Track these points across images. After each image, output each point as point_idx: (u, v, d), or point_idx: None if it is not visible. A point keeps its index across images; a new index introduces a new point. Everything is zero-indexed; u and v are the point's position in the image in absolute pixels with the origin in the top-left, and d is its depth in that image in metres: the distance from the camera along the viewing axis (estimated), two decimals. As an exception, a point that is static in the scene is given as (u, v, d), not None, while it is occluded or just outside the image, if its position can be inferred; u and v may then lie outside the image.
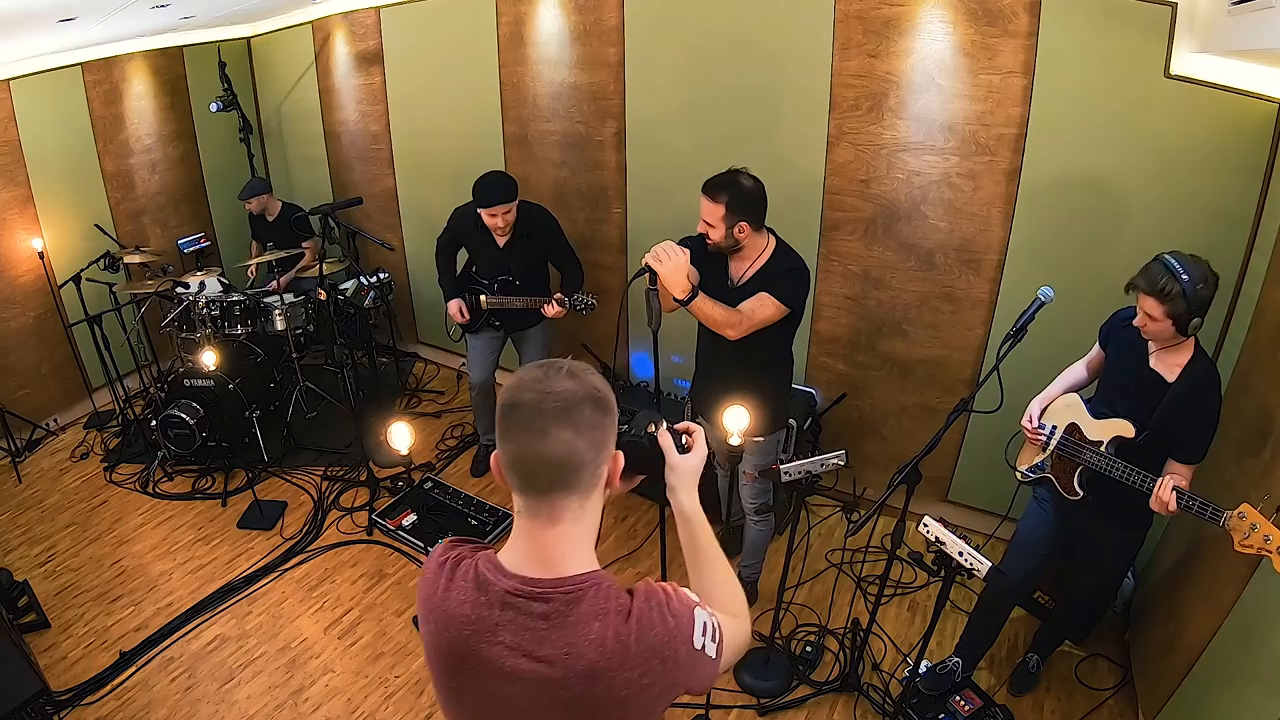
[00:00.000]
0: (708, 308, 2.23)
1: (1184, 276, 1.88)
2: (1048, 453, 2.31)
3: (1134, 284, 1.98)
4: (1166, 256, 1.93)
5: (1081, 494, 2.20)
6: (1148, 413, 2.04)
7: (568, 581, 1.00)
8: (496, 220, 3.16)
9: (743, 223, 2.27)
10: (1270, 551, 1.67)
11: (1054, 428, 2.29)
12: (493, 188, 3.14)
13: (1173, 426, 2.01)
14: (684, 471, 1.21)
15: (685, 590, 1.07)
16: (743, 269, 2.39)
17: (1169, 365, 2.04)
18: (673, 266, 2.11)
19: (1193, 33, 2.31)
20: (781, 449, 2.83)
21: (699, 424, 1.32)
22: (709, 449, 1.28)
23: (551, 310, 3.30)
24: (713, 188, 2.27)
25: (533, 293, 3.42)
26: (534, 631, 0.99)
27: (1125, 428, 2.09)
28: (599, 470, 1.02)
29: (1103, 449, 2.12)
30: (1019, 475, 2.44)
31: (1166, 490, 1.90)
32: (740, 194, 2.25)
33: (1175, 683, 2.24)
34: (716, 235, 2.30)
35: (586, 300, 3.29)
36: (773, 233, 2.41)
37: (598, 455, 1.01)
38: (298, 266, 4.44)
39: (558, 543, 1.01)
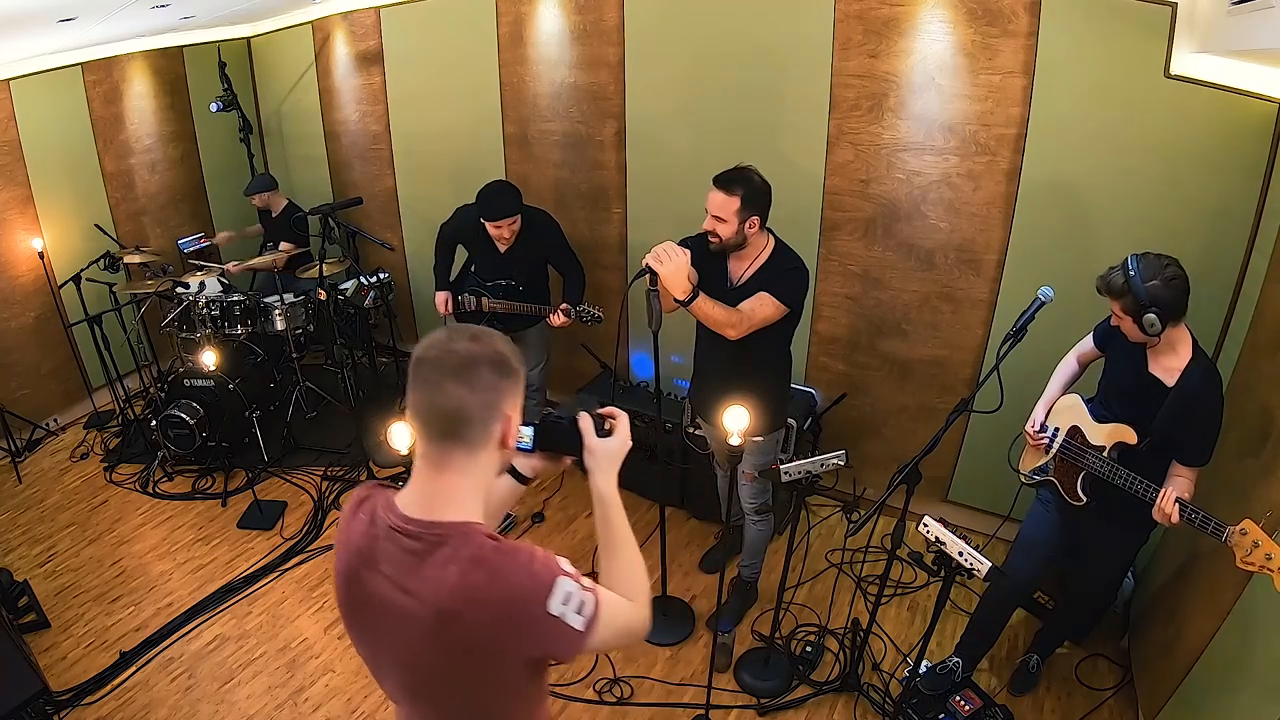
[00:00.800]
0: (708, 308, 2.23)
1: (1132, 272, 1.90)
2: (1050, 455, 2.30)
3: (1096, 283, 2.00)
4: (1131, 255, 1.94)
5: (1085, 499, 2.20)
6: (1148, 418, 2.03)
7: (440, 526, 1.07)
8: (501, 231, 3.18)
9: (754, 217, 2.28)
10: (1272, 570, 1.65)
11: (1055, 430, 2.29)
12: (497, 200, 3.14)
13: (1175, 431, 1.99)
14: (601, 455, 1.26)
15: (563, 560, 1.10)
16: (742, 269, 2.39)
17: (1167, 370, 2.02)
18: (673, 267, 2.12)
19: (1193, 33, 2.31)
20: (781, 449, 2.83)
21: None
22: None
23: (558, 321, 3.31)
24: (727, 181, 2.26)
25: (534, 296, 3.42)
26: (405, 566, 1.07)
27: (1128, 434, 2.08)
28: (490, 428, 1.09)
29: (1105, 454, 2.11)
30: (1022, 478, 2.44)
31: (1169, 502, 1.88)
32: (753, 189, 2.26)
33: (1175, 683, 2.23)
34: (727, 230, 2.29)
35: (592, 312, 3.28)
36: (771, 232, 2.41)
37: (488, 414, 1.08)
38: (255, 261, 4.30)
39: (441, 490, 1.09)
